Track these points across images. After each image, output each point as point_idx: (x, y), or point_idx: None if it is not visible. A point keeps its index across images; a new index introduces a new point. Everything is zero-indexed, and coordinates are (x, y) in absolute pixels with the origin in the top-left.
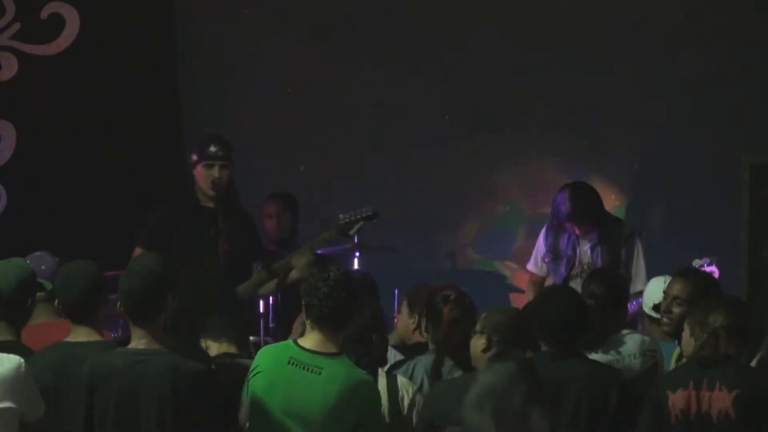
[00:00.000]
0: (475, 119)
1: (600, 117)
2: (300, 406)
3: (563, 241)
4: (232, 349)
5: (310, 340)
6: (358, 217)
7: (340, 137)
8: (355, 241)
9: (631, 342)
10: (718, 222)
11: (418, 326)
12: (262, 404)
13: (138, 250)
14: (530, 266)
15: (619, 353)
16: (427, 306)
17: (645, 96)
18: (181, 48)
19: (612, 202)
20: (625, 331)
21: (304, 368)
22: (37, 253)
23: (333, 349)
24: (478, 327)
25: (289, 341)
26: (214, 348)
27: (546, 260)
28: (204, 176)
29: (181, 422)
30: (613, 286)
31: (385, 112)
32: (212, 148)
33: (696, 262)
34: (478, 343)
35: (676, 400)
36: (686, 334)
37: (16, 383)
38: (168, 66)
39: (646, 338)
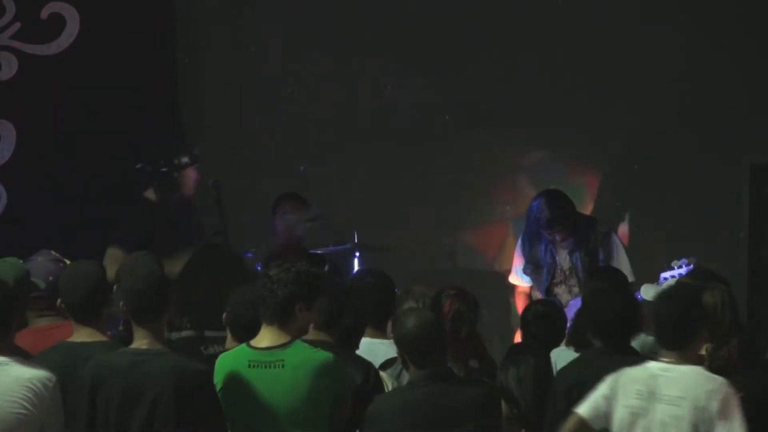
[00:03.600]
0: (476, 119)
1: (600, 117)
2: (277, 402)
3: (541, 250)
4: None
5: (264, 339)
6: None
7: (340, 137)
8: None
9: (634, 342)
10: (718, 222)
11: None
12: (239, 413)
13: (111, 251)
14: (512, 279)
15: None
16: (432, 304)
17: (645, 96)
18: (181, 48)
19: (612, 202)
20: None
21: (266, 366)
22: (40, 258)
23: (286, 339)
24: (394, 340)
25: (243, 345)
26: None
27: (527, 272)
28: (194, 178)
29: (183, 422)
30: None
31: (385, 111)
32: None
33: (674, 263)
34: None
35: None
36: None
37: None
38: (168, 66)
39: (649, 338)
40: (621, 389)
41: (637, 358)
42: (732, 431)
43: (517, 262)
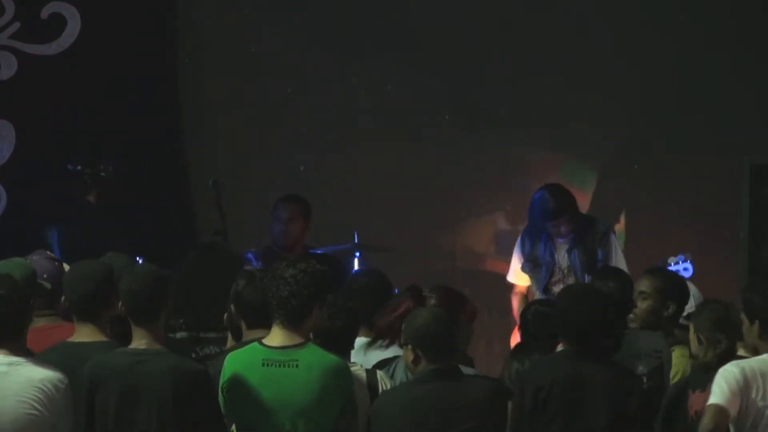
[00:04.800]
0: (476, 119)
1: (600, 117)
2: (288, 401)
3: (540, 248)
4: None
5: (276, 338)
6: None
7: (340, 137)
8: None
9: (637, 341)
10: (718, 222)
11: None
12: (247, 411)
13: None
14: (510, 278)
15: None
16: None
17: (645, 96)
18: (181, 48)
19: (611, 201)
20: (631, 330)
21: (280, 365)
22: (35, 257)
23: (299, 340)
24: (403, 338)
25: (255, 344)
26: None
27: (525, 270)
28: None
29: (182, 422)
30: (621, 285)
31: (385, 111)
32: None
33: (671, 260)
34: (407, 356)
35: (694, 401)
36: (691, 332)
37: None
38: (169, 66)
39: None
40: (753, 383)
41: (606, 364)
42: None
43: (516, 261)
